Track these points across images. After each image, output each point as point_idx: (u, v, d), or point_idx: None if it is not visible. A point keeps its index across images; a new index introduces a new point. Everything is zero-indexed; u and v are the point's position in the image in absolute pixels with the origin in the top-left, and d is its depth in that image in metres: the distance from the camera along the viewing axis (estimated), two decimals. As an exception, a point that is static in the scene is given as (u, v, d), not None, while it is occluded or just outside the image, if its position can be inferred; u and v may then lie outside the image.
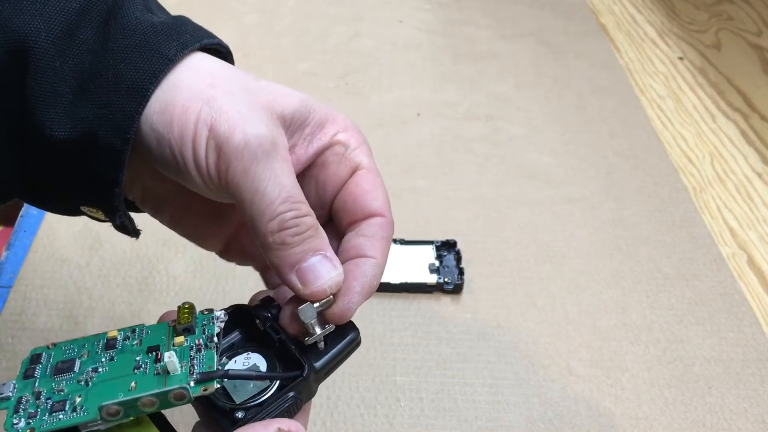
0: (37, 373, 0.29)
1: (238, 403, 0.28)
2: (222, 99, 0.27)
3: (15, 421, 0.27)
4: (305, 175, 0.32)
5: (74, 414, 0.26)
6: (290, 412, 0.28)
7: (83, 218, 0.63)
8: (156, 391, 0.26)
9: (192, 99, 0.27)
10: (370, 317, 0.52)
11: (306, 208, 0.28)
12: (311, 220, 0.28)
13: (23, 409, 0.28)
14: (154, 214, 0.33)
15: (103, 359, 0.29)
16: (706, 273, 0.57)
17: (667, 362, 0.50)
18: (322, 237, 0.29)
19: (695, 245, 0.59)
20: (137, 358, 0.28)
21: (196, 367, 0.27)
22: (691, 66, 0.82)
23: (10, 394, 0.28)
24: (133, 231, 0.31)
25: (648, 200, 0.64)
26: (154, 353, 0.28)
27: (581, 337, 0.52)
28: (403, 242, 0.56)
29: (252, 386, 0.29)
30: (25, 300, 0.51)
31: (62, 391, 0.28)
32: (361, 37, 0.84)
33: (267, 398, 0.28)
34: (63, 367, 0.29)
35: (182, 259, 0.55)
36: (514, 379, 0.49)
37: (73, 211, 0.31)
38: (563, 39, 0.85)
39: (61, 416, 0.26)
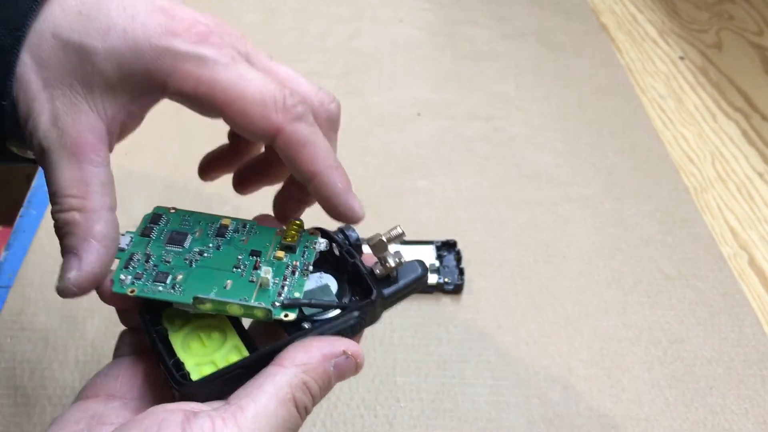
0: (153, 234, 0.31)
1: (307, 315, 0.29)
2: None
3: (123, 276, 0.29)
4: None
5: (172, 291, 0.29)
6: (353, 330, 0.30)
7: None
8: (244, 302, 0.28)
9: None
10: (370, 317, 0.52)
11: None
12: None
13: (132, 267, 0.30)
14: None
15: (211, 245, 0.31)
16: (707, 273, 0.57)
17: (668, 363, 0.50)
18: None
19: (696, 245, 0.59)
20: (239, 257, 0.30)
21: (285, 290, 0.29)
22: (692, 66, 0.82)
23: (126, 246, 0.31)
24: (21, 159, 0.31)
25: (648, 200, 0.63)
26: (254, 258, 0.30)
27: (582, 337, 0.52)
28: (403, 242, 0.56)
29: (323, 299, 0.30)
30: (25, 300, 0.51)
31: (168, 262, 0.30)
32: (361, 36, 0.84)
33: (334, 315, 0.29)
34: (176, 238, 0.31)
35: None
36: (515, 380, 0.49)
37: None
38: (563, 39, 0.85)
39: (160, 288, 0.29)
